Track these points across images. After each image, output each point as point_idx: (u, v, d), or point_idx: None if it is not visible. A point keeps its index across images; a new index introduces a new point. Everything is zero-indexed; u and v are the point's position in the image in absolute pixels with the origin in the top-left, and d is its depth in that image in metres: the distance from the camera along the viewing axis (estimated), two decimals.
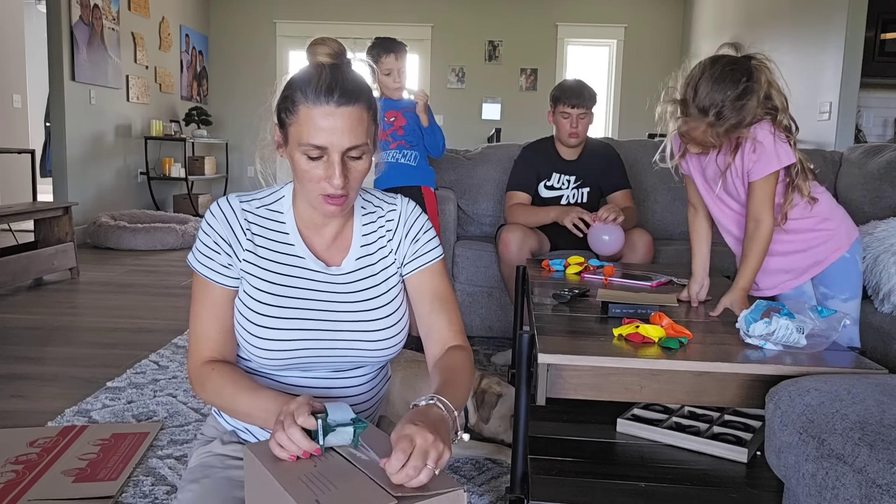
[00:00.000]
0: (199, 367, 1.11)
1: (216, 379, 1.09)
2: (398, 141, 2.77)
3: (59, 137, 5.39)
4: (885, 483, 0.80)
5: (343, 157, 1.04)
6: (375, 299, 1.16)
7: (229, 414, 1.14)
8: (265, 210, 1.16)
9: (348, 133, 1.02)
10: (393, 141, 2.77)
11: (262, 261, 1.12)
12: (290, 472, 0.88)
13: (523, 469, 1.38)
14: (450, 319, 1.20)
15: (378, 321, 1.15)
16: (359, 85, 1.05)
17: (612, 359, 1.22)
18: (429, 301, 1.20)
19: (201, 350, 1.12)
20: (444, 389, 1.02)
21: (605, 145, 2.93)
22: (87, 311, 3.49)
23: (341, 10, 7.77)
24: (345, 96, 1.01)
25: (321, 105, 1.01)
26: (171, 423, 2.09)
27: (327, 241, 1.17)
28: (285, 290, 1.12)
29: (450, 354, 1.16)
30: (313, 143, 1.02)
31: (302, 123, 1.03)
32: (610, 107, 7.88)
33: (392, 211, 1.21)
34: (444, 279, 1.23)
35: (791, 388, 1.06)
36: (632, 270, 2.12)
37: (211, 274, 1.11)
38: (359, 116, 1.03)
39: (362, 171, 1.07)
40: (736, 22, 6.20)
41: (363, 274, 1.17)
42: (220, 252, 1.11)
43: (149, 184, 6.68)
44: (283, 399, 1.01)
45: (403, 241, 1.20)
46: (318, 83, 1.02)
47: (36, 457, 1.84)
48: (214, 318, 1.12)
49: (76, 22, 5.40)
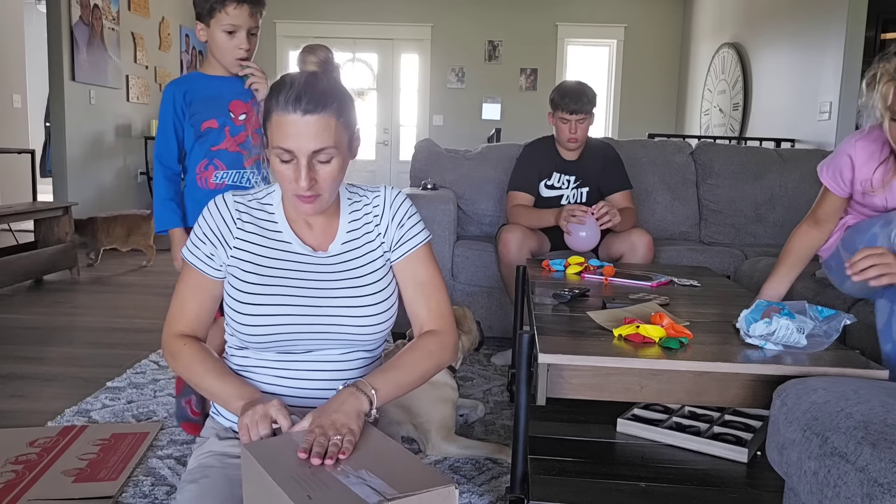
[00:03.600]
0: (172, 339, 1.23)
1: (187, 355, 1.20)
2: (254, 156, 1.94)
3: (59, 137, 5.39)
4: (886, 482, 0.80)
5: (310, 161, 1.13)
6: (360, 279, 1.23)
7: (194, 388, 1.23)
8: (256, 203, 1.27)
9: (313, 138, 1.12)
10: (246, 154, 1.93)
11: (250, 245, 1.22)
12: (286, 470, 0.91)
13: (523, 469, 1.38)
14: (429, 305, 1.28)
15: (362, 298, 1.22)
16: (328, 93, 1.14)
17: (612, 359, 1.22)
18: (412, 288, 1.28)
19: (176, 324, 1.24)
20: (377, 373, 1.15)
21: (606, 145, 2.93)
22: (87, 311, 3.49)
23: (341, 10, 7.76)
24: (311, 104, 1.11)
25: (288, 113, 1.11)
26: (171, 423, 2.09)
27: (315, 233, 1.26)
28: (272, 272, 1.20)
29: (419, 339, 1.25)
30: (282, 147, 1.12)
31: (274, 128, 1.13)
32: (610, 107, 7.88)
33: (377, 197, 1.30)
34: (427, 264, 1.30)
35: (799, 386, 1.06)
36: (632, 270, 2.12)
37: (195, 261, 1.23)
38: (325, 123, 1.12)
39: (331, 173, 1.15)
40: (736, 22, 6.20)
41: (348, 256, 1.25)
42: (206, 243, 1.22)
43: (149, 184, 6.68)
44: (246, 388, 1.15)
45: (391, 225, 1.28)
46: (288, 92, 1.12)
47: (36, 457, 1.84)
48: (192, 298, 1.24)
49: (76, 22, 5.40)
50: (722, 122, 6.45)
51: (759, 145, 4.46)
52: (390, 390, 1.14)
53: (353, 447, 0.98)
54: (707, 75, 6.82)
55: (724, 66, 6.37)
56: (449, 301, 1.31)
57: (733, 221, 3.42)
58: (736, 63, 6.03)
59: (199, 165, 1.90)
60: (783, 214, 3.38)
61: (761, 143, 4.81)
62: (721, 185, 3.45)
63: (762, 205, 3.41)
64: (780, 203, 3.40)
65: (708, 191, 3.46)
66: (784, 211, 3.38)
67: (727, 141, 5.66)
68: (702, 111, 7.01)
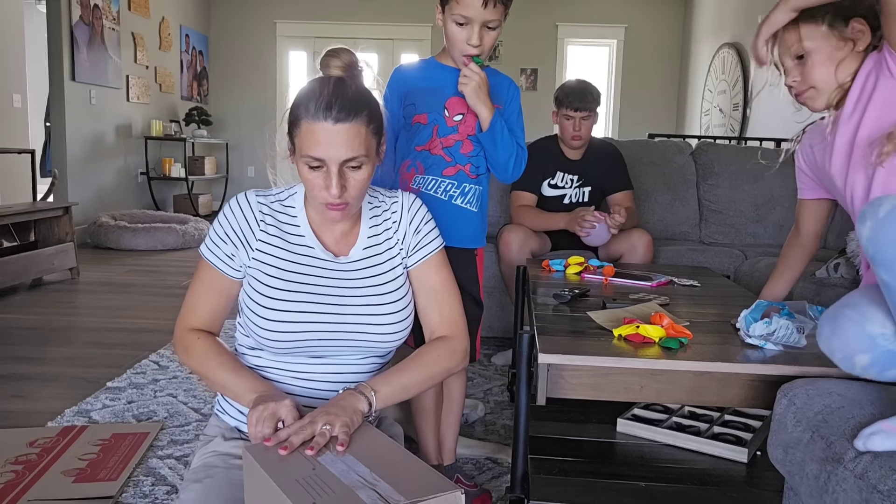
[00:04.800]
0: (184, 333, 1.22)
1: (200, 349, 1.19)
2: (457, 165, 1.60)
3: (59, 137, 5.39)
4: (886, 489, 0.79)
5: (341, 168, 1.12)
6: (381, 286, 1.23)
7: (205, 382, 1.21)
8: (279, 205, 1.25)
9: (345, 146, 1.10)
10: (449, 161, 1.60)
11: (273, 249, 1.21)
12: (288, 474, 0.89)
13: (523, 469, 1.38)
14: (441, 312, 1.29)
15: (383, 306, 1.22)
16: (358, 101, 1.12)
17: (612, 359, 1.22)
18: (425, 294, 1.29)
19: (190, 319, 1.23)
20: (381, 376, 1.16)
21: (609, 145, 2.93)
22: (87, 311, 3.49)
23: (341, 10, 7.77)
24: (342, 112, 1.09)
25: (319, 121, 1.10)
26: (171, 423, 2.09)
27: (336, 237, 1.25)
28: (294, 277, 1.19)
29: (430, 344, 1.26)
30: (312, 155, 1.11)
31: (304, 136, 1.11)
32: (610, 107, 7.88)
33: (395, 203, 1.30)
34: (441, 271, 1.31)
35: (810, 387, 1.05)
36: (632, 270, 2.12)
37: (214, 259, 1.21)
38: (356, 131, 1.11)
39: (361, 181, 1.15)
40: (736, 22, 6.20)
41: (369, 263, 1.25)
42: (227, 243, 1.20)
43: (149, 184, 6.68)
44: (259, 382, 1.14)
45: (408, 231, 1.29)
46: (318, 100, 1.10)
47: (36, 457, 1.84)
48: (208, 296, 1.23)
49: (76, 22, 5.40)
50: (722, 123, 6.46)
51: (759, 145, 4.46)
52: (393, 392, 1.14)
53: (350, 438, 0.99)
54: (707, 75, 6.82)
55: (724, 66, 6.37)
56: (462, 307, 1.32)
57: (733, 221, 3.43)
58: (736, 63, 6.03)
59: (403, 165, 1.64)
60: (783, 214, 3.38)
61: (761, 143, 4.80)
62: (721, 185, 3.45)
63: (762, 205, 3.41)
64: (780, 203, 3.40)
65: (708, 191, 3.47)
66: (784, 211, 3.38)
67: (727, 141, 5.65)
68: (702, 111, 7.01)
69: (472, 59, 1.53)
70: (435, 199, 1.58)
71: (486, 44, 1.52)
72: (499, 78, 1.67)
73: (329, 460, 0.94)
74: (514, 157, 1.60)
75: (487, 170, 1.67)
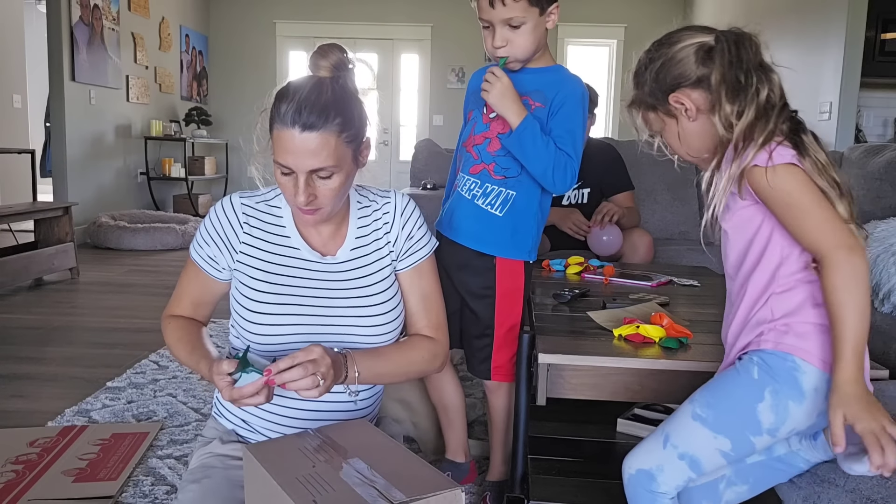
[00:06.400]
0: (167, 317, 1.29)
1: (173, 329, 1.25)
2: (482, 164, 1.53)
3: (59, 137, 5.39)
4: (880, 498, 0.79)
5: (309, 177, 1.09)
6: (369, 287, 1.22)
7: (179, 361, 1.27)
8: (265, 205, 1.24)
9: (312, 156, 1.07)
10: (476, 159, 1.54)
11: (259, 251, 1.20)
12: (289, 472, 0.89)
13: (523, 469, 1.38)
14: (429, 317, 1.30)
15: (371, 307, 1.21)
16: (331, 107, 1.07)
17: (612, 359, 1.22)
18: (414, 299, 1.29)
19: (174, 307, 1.29)
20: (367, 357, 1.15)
21: (607, 146, 2.93)
22: (87, 311, 3.49)
23: (341, 10, 7.76)
24: (311, 119, 1.05)
25: (287, 128, 1.07)
26: (170, 423, 2.09)
27: (323, 238, 1.24)
28: (281, 279, 1.18)
29: (417, 341, 1.28)
30: (280, 162, 1.10)
31: (276, 140, 1.10)
32: (610, 107, 7.88)
33: (387, 204, 1.28)
34: (430, 277, 1.31)
35: None
36: (632, 270, 2.12)
37: (198, 259, 1.24)
38: (324, 141, 1.07)
39: (332, 189, 1.12)
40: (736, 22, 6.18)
41: (357, 263, 1.24)
42: (211, 245, 1.22)
43: (149, 184, 6.68)
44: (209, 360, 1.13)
45: (400, 235, 1.27)
46: (289, 104, 1.06)
47: (36, 457, 1.84)
48: (191, 288, 1.27)
49: (76, 22, 5.40)
50: None
51: None
52: (369, 378, 1.16)
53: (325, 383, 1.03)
54: None
55: None
56: (445, 312, 1.34)
57: None
58: None
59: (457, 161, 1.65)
60: None
61: None
62: None
63: None
64: None
65: None
66: None
67: None
68: None
69: (499, 60, 1.46)
70: (461, 197, 1.54)
71: (516, 43, 1.42)
72: (548, 76, 1.51)
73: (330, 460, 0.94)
74: (553, 165, 1.43)
75: (523, 175, 1.51)
